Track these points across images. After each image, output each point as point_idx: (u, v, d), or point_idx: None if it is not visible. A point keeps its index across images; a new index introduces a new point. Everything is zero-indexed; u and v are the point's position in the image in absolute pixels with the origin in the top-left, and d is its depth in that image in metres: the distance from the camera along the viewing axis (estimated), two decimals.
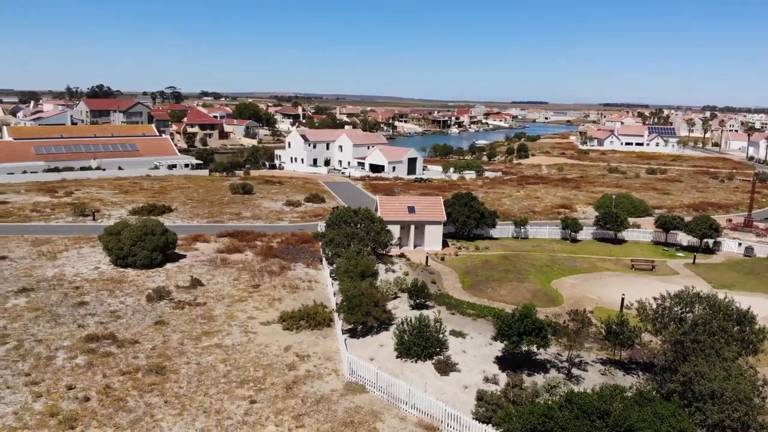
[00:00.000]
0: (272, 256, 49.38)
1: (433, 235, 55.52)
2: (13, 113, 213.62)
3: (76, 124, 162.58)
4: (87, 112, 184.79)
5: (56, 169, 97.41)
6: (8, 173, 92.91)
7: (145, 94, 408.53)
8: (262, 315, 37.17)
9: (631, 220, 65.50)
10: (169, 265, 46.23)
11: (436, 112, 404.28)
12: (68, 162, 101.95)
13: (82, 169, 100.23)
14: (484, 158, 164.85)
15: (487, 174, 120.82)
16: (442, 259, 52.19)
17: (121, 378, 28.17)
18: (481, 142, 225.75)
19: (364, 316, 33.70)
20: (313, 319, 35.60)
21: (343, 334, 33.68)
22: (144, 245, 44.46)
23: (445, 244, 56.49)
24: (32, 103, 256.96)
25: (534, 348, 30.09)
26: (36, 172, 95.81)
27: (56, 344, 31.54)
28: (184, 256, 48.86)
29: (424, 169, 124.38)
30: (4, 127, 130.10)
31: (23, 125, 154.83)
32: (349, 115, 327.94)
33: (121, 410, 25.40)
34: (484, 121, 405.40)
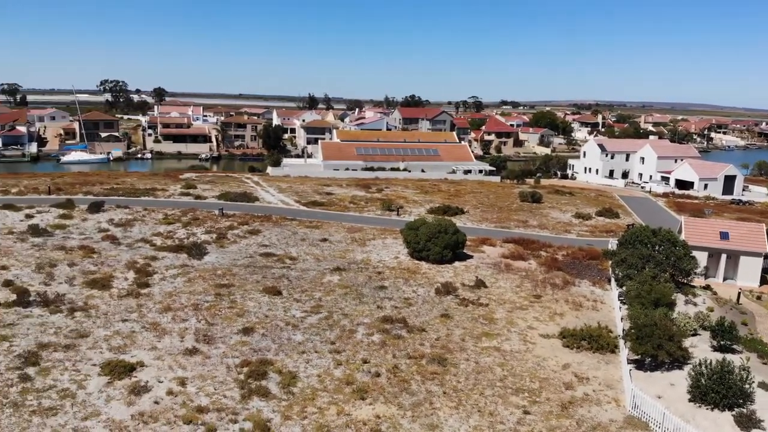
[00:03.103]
0: (556, 269, 48.34)
1: (750, 269, 47.79)
2: (342, 118, 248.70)
3: (390, 129, 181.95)
4: (400, 119, 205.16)
5: (371, 168, 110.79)
6: (334, 169, 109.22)
7: (449, 103, 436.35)
8: (542, 327, 36.72)
9: None
10: (457, 263, 48.81)
11: (764, 123, 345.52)
12: (381, 162, 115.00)
13: (392, 169, 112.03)
14: None
15: None
16: (759, 297, 44.59)
17: (407, 361, 30.80)
18: None
19: (655, 348, 30.74)
20: (595, 341, 33.86)
21: (628, 363, 31.31)
22: (437, 242, 47.78)
23: (764, 281, 48.10)
24: (357, 110, 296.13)
25: None
26: (356, 170, 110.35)
27: (358, 320, 35.94)
28: (471, 257, 51.02)
29: (744, 190, 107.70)
30: (334, 130, 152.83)
31: (348, 129, 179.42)
32: (656, 124, 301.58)
33: (405, 392, 27.79)
34: None
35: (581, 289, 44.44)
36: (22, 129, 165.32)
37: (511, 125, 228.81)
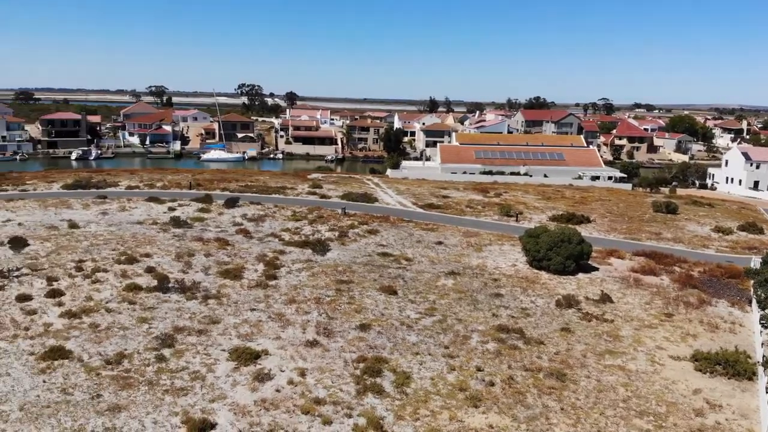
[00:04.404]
0: (691, 286, 44.77)
1: None
2: (461, 121, 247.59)
3: (511, 132, 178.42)
4: (522, 122, 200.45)
5: (490, 172, 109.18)
6: (452, 172, 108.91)
7: (577, 105, 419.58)
8: (672, 348, 34.19)
9: None
10: (580, 275, 46.75)
11: None
12: (501, 167, 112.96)
13: (512, 173, 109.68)
14: None
15: None
16: None
17: (523, 373, 29.98)
18: None
19: None
20: (731, 366, 30.98)
21: (767, 392, 28.35)
22: (559, 251, 46.02)
23: None
24: (477, 113, 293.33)
25: None
26: (474, 174, 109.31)
27: (472, 326, 35.54)
28: (596, 269, 48.64)
29: None
30: (453, 134, 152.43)
31: (468, 132, 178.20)
32: None
33: (519, 404, 27.07)
34: None
35: (718, 309, 40.84)
36: (168, 128, 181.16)
37: (645, 129, 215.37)
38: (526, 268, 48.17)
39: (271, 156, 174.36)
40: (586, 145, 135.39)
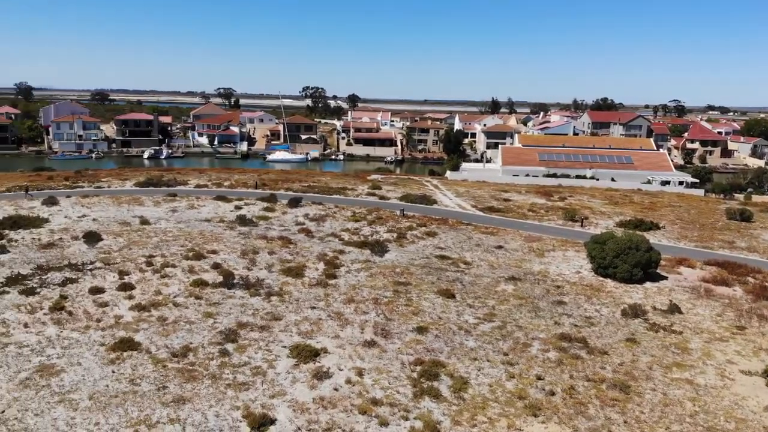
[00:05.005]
0: (765, 298, 42.31)
1: None
2: (524, 122, 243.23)
3: (577, 134, 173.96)
4: (589, 123, 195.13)
5: (554, 175, 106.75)
6: (513, 175, 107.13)
7: (647, 107, 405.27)
8: (744, 362, 32.43)
9: None
10: (648, 284, 45.03)
11: None
12: (565, 170, 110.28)
13: (577, 177, 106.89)
14: None
15: None
16: None
17: (585, 383, 29.14)
18: None
19: None
20: None
21: None
22: (626, 259, 44.48)
23: None
24: (541, 114, 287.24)
25: None
26: (537, 176, 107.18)
27: (533, 334, 34.83)
28: (665, 278, 46.73)
29: None
30: (516, 135, 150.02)
31: (531, 134, 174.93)
32: None
33: (581, 414, 26.32)
34: None
35: None
36: (235, 129, 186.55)
37: (719, 133, 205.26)
38: (591, 275, 46.82)
39: (333, 157, 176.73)
40: (655, 148, 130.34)
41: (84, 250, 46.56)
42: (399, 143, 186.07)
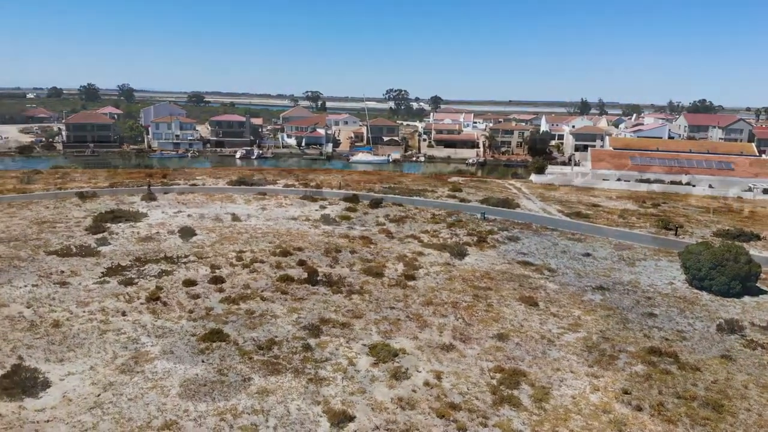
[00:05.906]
0: None
1: None
2: (616, 125, 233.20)
3: (672, 138, 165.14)
4: (685, 126, 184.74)
5: (647, 180, 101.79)
6: (603, 179, 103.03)
7: (748, 109, 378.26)
8: None
9: None
10: (746, 298, 42.14)
11: None
12: (659, 174, 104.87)
13: (672, 182, 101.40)
14: None
15: None
16: None
17: (675, 400, 27.68)
18: None
19: None
20: None
21: None
22: (723, 271, 41.83)
23: None
24: (634, 116, 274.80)
25: None
26: (628, 181, 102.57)
27: (620, 346, 33.44)
28: (765, 293, 43.55)
29: None
30: (606, 137, 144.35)
31: (623, 136, 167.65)
32: None
33: None
34: None
35: None
36: (321, 131, 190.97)
37: None
38: (685, 287, 44.37)
39: (414, 159, 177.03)
40: (758, 153, 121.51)
41: (179, 244, 49.26)
42: (481, 145, 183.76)
